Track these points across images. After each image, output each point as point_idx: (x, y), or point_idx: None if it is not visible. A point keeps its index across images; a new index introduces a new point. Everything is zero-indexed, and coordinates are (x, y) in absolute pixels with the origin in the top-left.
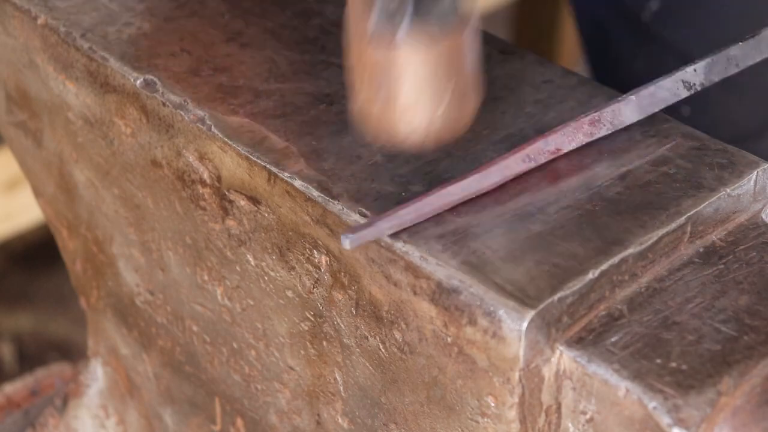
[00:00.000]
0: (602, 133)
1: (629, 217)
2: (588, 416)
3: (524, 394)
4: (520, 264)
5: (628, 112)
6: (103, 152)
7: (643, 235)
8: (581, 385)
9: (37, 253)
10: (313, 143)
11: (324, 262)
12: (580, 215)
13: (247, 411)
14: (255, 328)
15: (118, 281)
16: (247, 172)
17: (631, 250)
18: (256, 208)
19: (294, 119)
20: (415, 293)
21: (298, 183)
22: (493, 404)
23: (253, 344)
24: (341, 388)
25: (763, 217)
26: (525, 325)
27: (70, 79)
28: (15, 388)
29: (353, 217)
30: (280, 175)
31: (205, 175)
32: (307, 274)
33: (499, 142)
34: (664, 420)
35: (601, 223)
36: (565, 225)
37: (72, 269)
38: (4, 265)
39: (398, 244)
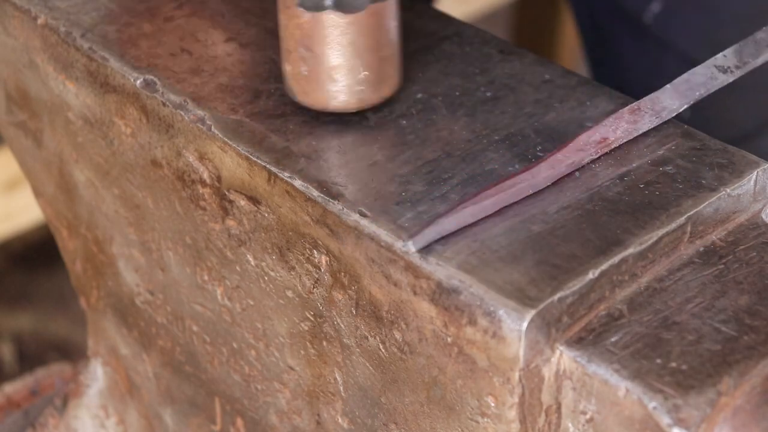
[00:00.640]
0: (647, 122)
1: (629, 217)
2: (588, 416)
3: (524, 394)
4: (520, 264)
5: (667, 99)
6: (103, 152)
7: (643, 235)
8: (581, 385)
9: (37, 253)
10: (313, 143)
11: (324, 262)
12: (580, 215)
13: (247, 411)
14: (255, 328)
15: (118, 281)
16: (247, 172)
17: (631, 250)
18: (256, 208)
19: (294, 119)
20: (415, 293)
21: (298, 183)
22: (493, 404)
23: (253, 344)
24: (341, 388)
25: (763, 217)
26: (525, 325)
27: (70, 79)
28: (15, 388)
29: (353, 217)
30: (280, 175)
31: (205, 175)
32: (307, 274)
33: (499, 142)
34: (664, 420)
35: (601, 223)
36: (565, 225)
37: (72, 269)
38: (4, 265)
39: (398, 244)
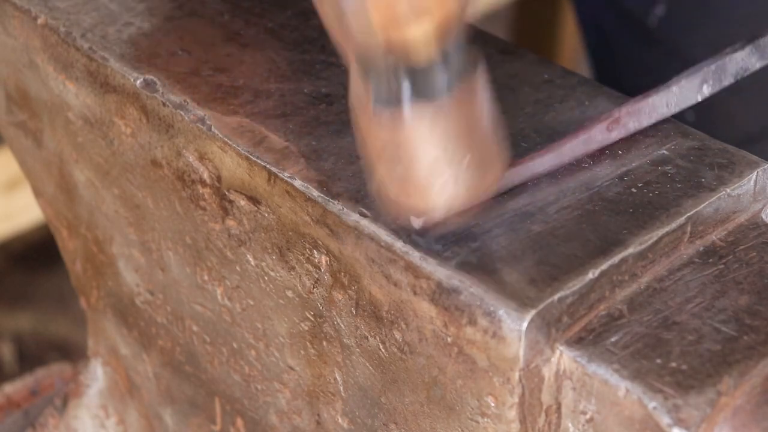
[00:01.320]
0: (672, 106)
1: (629, 217)
2: (588, 416)
3: (524, 394)
4: (520, 264)
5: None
6: (103, 152)
7: (643, 235)
8: (581, 385)
9: (37, 253)
10: (313, 143)
11: (324, 262)
12: (580, 215)
13: (247, 411)
14: (255, 328)
15: (118, 281)
16: (247, 172)
17: (631, 250)
18: (256, 208)
19: (294, 119)
20: (415, 293)
21: (298, 183)
22: (493, 404)
23: (253, 344)
24: (341, 388)
25: (763, 217)
26: (525, 325)
27: (70, 79)
28: (15, 388)
29: (353, 217)
30: (280, 175)
31: (205, 175)
32: (307, 274)
33: None
34: (664, 420)
35: (601, 223)
36: (565, 225)
37: (72, 269)
38: (4, 265)
39: (398, 244)
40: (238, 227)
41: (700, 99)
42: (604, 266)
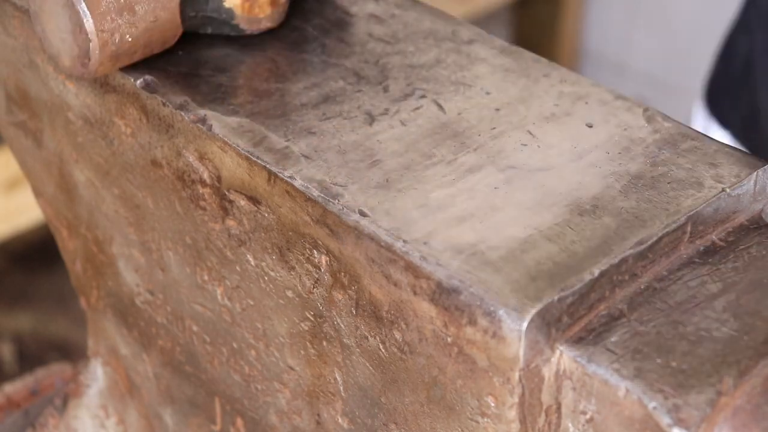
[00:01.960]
0: None
1: (629, 217)
2: (588, 416)
3: (524, 394)
4: (520, 264)
5: None
6: (103, 152)
7: (643, 235)
8: (581, 385)
9: (37, 253)
10: (313, 143)
11: (324, 262)
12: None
13: (247, 411)
14: (255, 328)
15: (118, 281)
16: (247, 172)
17: (631, 250)
18: (256, 208)
19: (294, 119)
20: (415, 293)
21: (298, 183)
22: (493, 404)
23: (253, 344)
24: (341, 388)
25: (763, 217)
26: (525, 325)
27: (70, 79)
28: (15, 388)
29: (353, 217)
30: (280, 175)
31: (205, 175)
32: (307, 274)
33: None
34: (664, 420)
35: (601, 223)
36: None
37: (72, 269)
38: (4, 265)
39: (398, 244)
40: (238, 227)
41: None
42: (604, 266)
